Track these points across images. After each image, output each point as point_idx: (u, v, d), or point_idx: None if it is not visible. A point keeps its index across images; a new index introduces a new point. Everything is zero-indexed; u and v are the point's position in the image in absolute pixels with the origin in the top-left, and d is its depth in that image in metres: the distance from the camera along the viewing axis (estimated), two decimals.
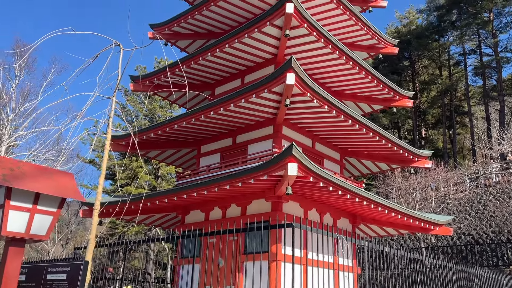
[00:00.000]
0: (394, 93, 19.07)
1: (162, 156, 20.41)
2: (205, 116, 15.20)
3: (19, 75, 27.68)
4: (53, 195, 3.79)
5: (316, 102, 13.93)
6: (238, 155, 16.68)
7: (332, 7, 17.76)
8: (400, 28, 56.98)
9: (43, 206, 3.78)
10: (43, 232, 3.82)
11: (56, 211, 3.89)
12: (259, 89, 13.52)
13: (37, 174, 3.77)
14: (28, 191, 3.67)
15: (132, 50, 7.23)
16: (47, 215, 3.83)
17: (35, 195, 3.74)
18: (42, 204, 3.78)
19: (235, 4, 18.04)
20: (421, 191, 29.23)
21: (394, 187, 31.21)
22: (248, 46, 16.45)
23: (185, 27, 19.84)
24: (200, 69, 18.30)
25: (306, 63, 17.35)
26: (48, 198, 3.79)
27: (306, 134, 17.20)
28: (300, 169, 11.29)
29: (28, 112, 26.49)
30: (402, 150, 17.44)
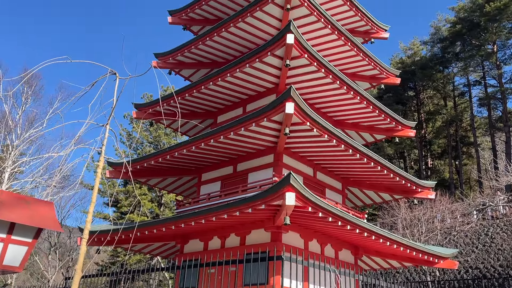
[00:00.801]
0: (396, 123, 19.01)
1: (163, 183, 20.31)
2: (205, 144, 15.19)
3: (26, 102, 28.08)
4: (29, 225, 3.71)
5: (316, 131, 13.89)
6: (239, 184, 16.55)
7: (334, 38, 17.98)
8: (405, 59, 57.50)
9: (18, 236, 3.69)
10: (16, 264, 3.71)
11: (32, 241, 3.80)
12: (259, 118, 13.53)
13: (14, 203, 3.70)
14: (2, 221, 3.59)
15: (126, 79, 7.26)
16: (22, 246, 3.73)
17: (10, 224, 3.66)
18: (17, 234, 3.69)
19: (238, 35, 18.33)
20: (427, 223, 28.70)
21: (399, 218, 30.70)
22: (250, 75, 16.59)
23: (189, 56, 20.14)
24: (203, 98, 18.43)
25: (307, 92, 17.44)
26: (24, 228, 3.71)
27: (307, 163, 17.09)
28: (298, 198, 11.13)
29: (33, 138, 26.71)
30: (404, 181, 17.23)
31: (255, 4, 16.82)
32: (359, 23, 21.05)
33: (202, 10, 20.96)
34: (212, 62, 20.50)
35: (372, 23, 21.26)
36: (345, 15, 20.37)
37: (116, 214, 47.20)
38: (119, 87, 7.79)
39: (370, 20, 21.03)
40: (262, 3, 16.68)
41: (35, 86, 28.52)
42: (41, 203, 4.08)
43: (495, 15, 44.05)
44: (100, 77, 7.73)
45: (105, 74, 7.53)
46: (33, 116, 27.98)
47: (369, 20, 21.01)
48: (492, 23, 45.26)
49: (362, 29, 21.53)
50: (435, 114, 55.80)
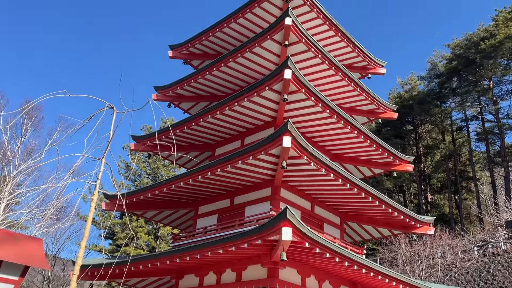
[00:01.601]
0: (394, 158, 19.04)
1: (159, 216, 20.11)
2: (202, 176, 15.15)
3: (25, 133, 28.19)
4: (16, 263, 3.65)
5: (313, 165, 13.88)
6: (236, 217, 16.38)
7: (331, 73, 18.26)
8: (402, 94, 58.19)
9: (4, 274, 3.62)
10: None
11: (18, 279, 3.72)
12: (256, 151, 13.56)
13: (2, 240, 3.65)
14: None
15: (123, 113, 7.33)
16: (8, 284, 3.65)
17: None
18: (3, 272, 3.61)
19: (237, 69, 18.63)
20: (427, 259, 28.22)
21: (399, 253, 30.20)
22: (248, 109, 16.75)
23: (188, 90, 20.39)
24: (201, 130, 18.52)
25: (304, 126, 17.55)
26: (11, 266, 3.64)
27: (305, 197, 16.98)
28: (295, 234, 10.98)
29: (30, 169, 26.63)
30: (403, 216, 17.07)
31: (254, 40, 17.18)
32: (356, 59, 21.46)
33: (202, 45, 21.40)
34: (212, 95, 20.74)
35: (369, 59, 21.67)
36: (343, 51, 20.80)
37: (111, 246, 46.45)
38: (116, 120, 7.86)
39: (367, 56, 21.44)
40: (261, 39, 17.05)
41: (35, 118, 28.75)
42: (30, 240, 4.02)
43: (490, 52, 44.94)
44: (98, 111, 7.81)
45: (103, 108, 7.63)
46: (32, 147, 28.05)
47: (366, 56, 21.42)
48: (487, 60, 46.13)
49: (359, 65, 21.91)
50: (434, 148, 55.94)
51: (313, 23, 19.57)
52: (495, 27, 47.28)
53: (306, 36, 16.79)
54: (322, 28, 19.83)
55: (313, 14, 19.28)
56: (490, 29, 47.76)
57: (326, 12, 19.32)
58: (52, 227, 34.28)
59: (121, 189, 44.77)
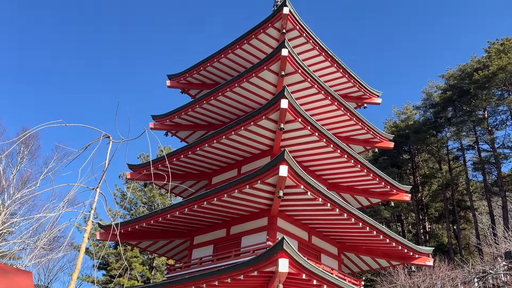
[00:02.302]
0: (391, 187, 18.99)
1: (154, 246, 19.80)
2: (198, 206, 15.02)
3: (21, 162, 28.08)
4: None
5: (310, 194, 13.82)
6: (232, 247, 16.15)
7: (327, 103, 18.44)
8: (399, 123, 58.60)
9: None
10: None
11: None
12: (252, 180, 13.51)
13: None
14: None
15: (119, 143, 7.34)
16: None
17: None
18: None
19: (234, 98, 18.80)
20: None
21: (398, 285, 29.65)
22: (245, 138, 16.80)
23: (185, 118, 20.48)
24: (198, 159, 18.51)
25: (301, 155, 17.58)
26: None
27: (302, 226, 16.81)
28: (291, 265, 10.82)
29: (25, 198, 26.36)
30: (401, 246, 16.86)
31: (251, 70, 17.41)
32: (352, 89, 21.72)
33: (200, 75, 21.66)
34: (209, 124, 20.83)
35: (365, 89, 21.93)
36: (338, 81, 21.08)
37: (105, 277, 45.42)
38: (112, 150, 7.85)
39: (362, 86, 21.72)
40: (258, 69, 17.28)
41: (31, 146, 28.70)
42: (20, 273, 3.95)
43: (484, 83, 45.60)
44: (94, 140, 7.81)
45: (99, 137, 7.63)
46: (27, 176, 27.85)
47: (361, 86, 21.70)
48: (481, 90, 46.75)
49: (355, 95, 22.17)
50: (431, 177, 55.86)
51: (309, 54, 19.91)
52: (487, 58, 48.19)
53: (302, 66, 17.04)
54: (318, 59, 20.16)
55: (309, 45, 19.64)
56: (483, 60, 48.66)
57: (322, 43, 19.69)
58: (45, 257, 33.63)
59: (116, 218, 44.24)
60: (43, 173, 27.36)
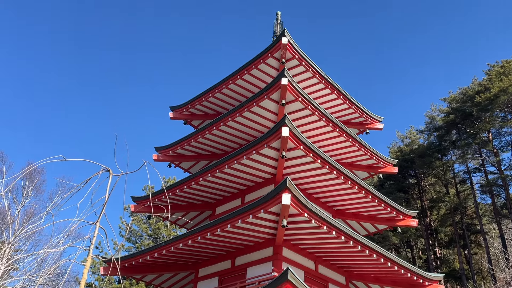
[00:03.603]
0: (397, 213, 18.76)
1: (159, 280, 19.47)
2: (202, 237, 14.87)
3: (26, 197, 28.15)
4: None
5: (314, 222, 13.66)
6: (237, 279, 15.87)
7: (329, 129, 18.48)
8: (403, 147, 58.44)
9: None
10: None
11: None
12: (255, 210, 13.41)
13: None
14: None
15: (119, 176, 7.35)
16: None
17: None
18: None
19: (236, 128, 18.90)
20: None
21: None
22: (247, 166, 16.80)
23: (188, 149, 20.55)
24: (201, 189, 18.46)
25: (305, 182, 17.51)
26: None
27: (308, 256, 16.54)
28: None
29: (29, 233, 26.26)
30: (410, 273, 16.49)
31: (252, 100, 17.59)
32: (353, 115, 21.81)
33: (202, 105, 21.89)
34: (212, 154, 20.87)
35: (366, 115, 22.01)
36: (339, 108, 21.20)
37: None
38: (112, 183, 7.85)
39: (364, 112, 21.81)
40: (259, 98, 17.45)
41: (36, 181, 28.84)
42: None
43: (486, 105, 45.67)
44: (94, 174, 7.82)
45: (99, 171, 7.65)
46: (32, 211, 27.84)
47: (363, 112, 21.79)
48: (484, 112, 46.78)
49: (357, 121, 22.24)
50: (438, 201, 55.16)
51: (309, 82, 20.13)
52: (488, 81, 48.46)
53: (302, 94, 17.20)
54: (318, 87, 20.36)
55: (308, 73, 19.89)
56: (484, 83, 48.93)
57: (321, 71, 19.93)
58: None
59: (121, 251, 43.76)
60: (48, 207, 27.37)
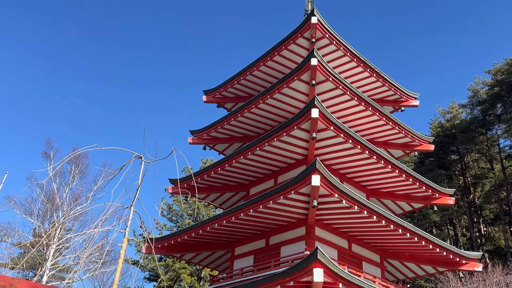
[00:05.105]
0: (433, 191, 18.46)
1: (197, 258, 20.31)
2: (236, 218, 15.33)
3: (73, 180, 29.72)
4: None
5: (345, 202, 13.76)
6: (271, 257, 16.30)
7: (361, 108, 18.27)
8: (444, 123, 56.49)
9: None
10: None
11: None
12: (286, 191, 13.65)
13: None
14: None
15: (149, 162, 7.78)
16: None
17: None
18: None
19: (268, 110, 19.04)
20: None
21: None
22: (279, 148, 16.99)
23: (222, 132, 20.95)
24: (235, 171, 18.88)
25: (337, 163, 17.54)
26: None
27: (341, 235, 16.70)
28: (327, 274, 10.85)
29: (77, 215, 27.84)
30: (446, 252, 16.33)
31: (282, 81, 17.63)
32: (387, 92, 21.38)
33: (234, 88, 22.13)
34: (245, 136, 21.19)
35: (401, 92, 21.53)
36: (372, 86, 20.84)
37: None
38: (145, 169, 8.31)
39: (398, 89, 21.33)
40: (289, 80, 17.47)
41: (81, 166, 30.31)
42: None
43: None
44: (128, 161, 8.32)
45: (131, 158, 8.12)
46: (78, 194, 29.38)
47: (397, 89, 21.32)
48: None
49: (391, 98, 21.80)
50: (482, 178, 53.22)
51: (340, 60, 19.87)
52: None
53: (332, 74, 17.06)
54: (350, 65, 20.06)
55: (339, 52, 19.61)
56: None
57: (353, 49, 19.59)
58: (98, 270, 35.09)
59: (163, 231, 45.59)
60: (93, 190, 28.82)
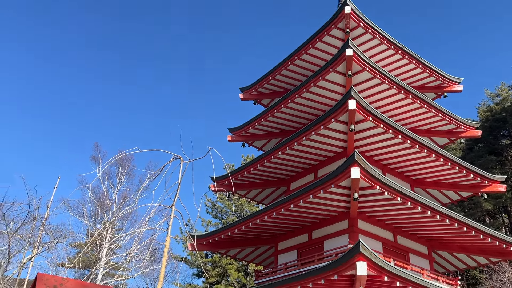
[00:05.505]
0: (482, 178, 17.69)
1: (242, 254, 20.58)
2: (277, 213, 15.40)
3: (120, 182, 30.88)
4: None
5: (387, 194, 13.48)
6: (315, 252, 16.25)
7: (401, 97, 17.77)
8: (493, 106, 53.79)
9: None
10: None
11: None
12: (326, 185, 13.56)
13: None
14: None
15: (187, 162, 7.97)
16: None
17: None
18: None
19: (304, 104, 18.93)
20: None
21: (505, 282, 27.18)
22: (317, 142, 16.87)
23: (260, 128, 21.04)
24: (274, 167, 18.93)
25: (378, 154, 17.19)
26: None
27: (385, 227, 16.38)
28: (370, 267, 10.70)
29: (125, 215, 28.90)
30: (498, 241, 15.64)
31: (318, 74, 17.47)
32: (428, 79, 20.66)
33: (270, 84, 22.15)
34: (282, 131, 21.18)
35: (443, 78, 20.74)
36: (412, 73, 20.21)
37: (204, 284, 47.80)
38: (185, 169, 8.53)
39: (439, 74, 20.56)
40: (324, 72, 17.28)
41: (127, 168, 31.41)
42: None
43: None
44: (167, 162, 8.57)
45: (170, 159, 8.36)
46: (126, 195, 30.48)
47: (439, 75, 20.55)
48: None
49: (433, 84, 21.04)
50: None
51: (377, 49, 19.41)
52: None
53: (369, 64, 16.70)
54: (387, 53, 19.55)
55: (376, 40, 19.15)
56: None
57: (390, 37, 19.07)
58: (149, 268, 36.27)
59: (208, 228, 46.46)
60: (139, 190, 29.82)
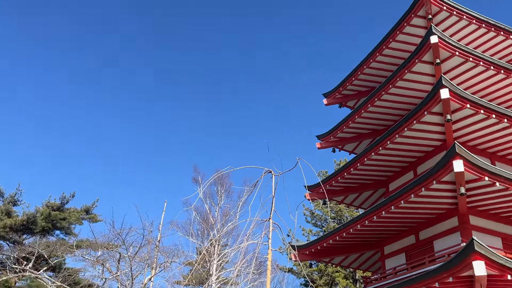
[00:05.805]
0: None
1: (347, 261, 20.16)
2: (377, 216, 14.87)
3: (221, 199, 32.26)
4: None
5: (499, 185, 12.32)
6: (424, 254, 15.35)
7: (501, 77, 16.20)
8: None
9: None
10: None
11: None
12: (426, 182, 12.80)
13: None
14: None
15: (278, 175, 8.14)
16: None
17: None
18: None
19: (393, 100, 18.16)
20: None
21: None
22: (411, 138, 16.05)
23: (348, 131, 20.61)
24: (369, 169, 18.36)
25: (483, 142, 15.89)
26: None
27: (502, 220, 14.93)
28: (490, 266, 9.83)
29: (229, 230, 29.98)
30: None
31: (403, 67, 16.69)
32: None
33: (353, 85, 21.67)
34: (373, 131, 20.51)
35: None
36: (510, 49, 18.38)
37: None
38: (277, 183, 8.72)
39: None
40: (409, 64, 16.45)
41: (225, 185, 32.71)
42: None
43: None
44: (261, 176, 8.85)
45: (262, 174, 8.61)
46: (227, 211, 31.68)
47: None
48: None
49: None
50: None
51: (466, 30, 18.02)
52: None
53: (458, 47, 15.54)
54: (479, 32, 18.03)
55: (463, 21, 17.79)
56: None
57: (478, 15, 17.60)
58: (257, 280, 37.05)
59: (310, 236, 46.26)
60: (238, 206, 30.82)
